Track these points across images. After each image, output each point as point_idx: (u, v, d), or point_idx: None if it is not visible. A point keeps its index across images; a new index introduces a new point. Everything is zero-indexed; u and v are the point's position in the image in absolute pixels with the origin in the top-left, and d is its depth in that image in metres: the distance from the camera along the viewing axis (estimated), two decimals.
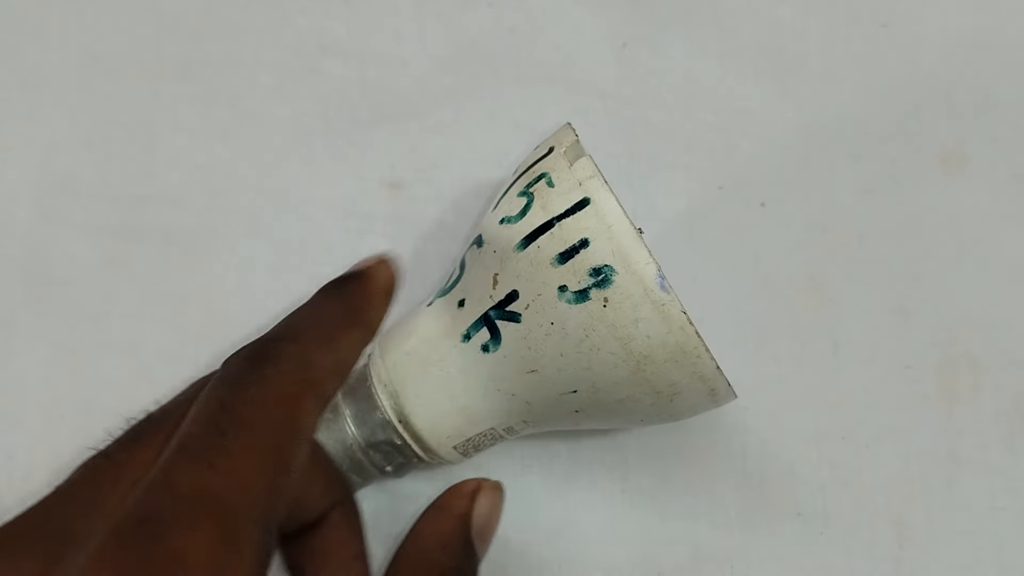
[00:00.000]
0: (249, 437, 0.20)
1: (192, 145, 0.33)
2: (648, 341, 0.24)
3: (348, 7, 0.35)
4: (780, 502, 0.31)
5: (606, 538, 0.30)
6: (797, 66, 0.35)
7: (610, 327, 0.24)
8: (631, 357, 0.24)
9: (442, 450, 0.27)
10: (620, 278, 0.24)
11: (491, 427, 0.27)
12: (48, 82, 0.34)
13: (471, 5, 0.36)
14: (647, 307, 0.24)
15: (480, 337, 0.26)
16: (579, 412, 0.26)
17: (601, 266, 0.24)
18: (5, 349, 0.31)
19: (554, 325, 0.24)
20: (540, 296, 0.25)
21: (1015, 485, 0.31)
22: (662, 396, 0.25)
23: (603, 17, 0.36)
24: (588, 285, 0.24)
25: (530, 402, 0.26)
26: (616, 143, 0.34)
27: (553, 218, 0.25)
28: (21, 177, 0.33)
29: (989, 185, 0.34)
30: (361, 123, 0.34)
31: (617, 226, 0.24)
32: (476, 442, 0.27)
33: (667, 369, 0.24)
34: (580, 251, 0.24)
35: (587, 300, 0.24)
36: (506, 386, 0.26)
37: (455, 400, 0.26)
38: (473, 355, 0.26)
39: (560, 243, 0.24)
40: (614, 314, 0.24)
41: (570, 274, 0.24)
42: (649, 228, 0.34)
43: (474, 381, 0.26)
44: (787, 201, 0.34)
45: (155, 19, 0.35)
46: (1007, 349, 0.32)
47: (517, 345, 0.25)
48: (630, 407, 0.25)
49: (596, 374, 0.25)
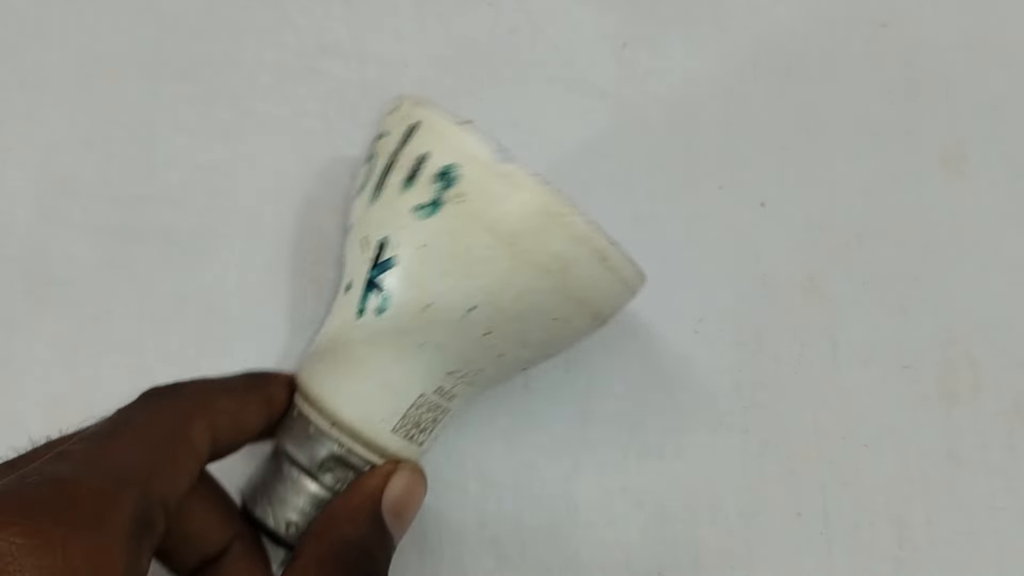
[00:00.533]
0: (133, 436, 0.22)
1: (192, 145, 0.33)
2: (511, 216, 0.24)
3: (348, 7, 0.35)
4: (780, 502, 0.31)
5: (606, 537, 0.31)
6: (797, 66, 0.35)
7: (472, 219, 0.24)
8: (503, 241, 0.24)
9: (382, 438, 0.26)
10: (463, 169, 0.24)
11: (420, 393, 0.26)
12: (48, 82, 0.34)
13: (471, 5, 0.36)
14: (497, 183, 0.24)
15: (371, 303, 0.25)
16: (491, 334, 0.25)
17: (443, 168, 0.24)
18: (5, 349, 0.31)
19: (427, 247, 0.24)
20: (403, 228, 0.25)
21: (1015, 485, 0.31)
22: (553, 273, 0.24)
23: (603, 17, 0.36)
24: (438, 192, 0.24)
25: (440, 344, 0.25)
26: (616, 143, 0.34)
27: (391, 154, 0.25)
28: (21, 177, 0.33)
29: (989, 185, 0.34)
30: (361, 124, 0.34)
31: (447, 129, 0.25)
32: (415, 419, 0.26)
33: (542, 241, 0.24)
34: (422, 166, 0.24)
35: (442, 205, 0.24)
36: (411, 338, 0.25)
37: (372, 376, 0.26)
38: (372, 324, 0.25)
39: (402, 171, 0.25)
40: (471, 205, 0.24)
41: (420, 191, 0.24)
42: (649, 228, 0.34)
43: (382, 349, 0.26)
44: (787, 201, 0.34)
45: (155, 19, 0.35)
46: (1007, 349, 0.32)
47: (404, 288, 0.25)
48: (535, 303, 0.25)
49: (481, 276, 0.24)
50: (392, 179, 0.25)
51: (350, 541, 0.24)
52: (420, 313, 0.25)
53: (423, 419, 0.27)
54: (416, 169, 0.24)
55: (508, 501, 0.31)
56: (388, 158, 0.25)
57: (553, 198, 0.24)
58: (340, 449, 0.26)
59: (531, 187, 0.24)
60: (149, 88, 0.34)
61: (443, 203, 0.24)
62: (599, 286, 0.25)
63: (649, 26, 0.36)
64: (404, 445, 0.26)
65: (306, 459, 0.26)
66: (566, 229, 0.24)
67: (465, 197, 0.24)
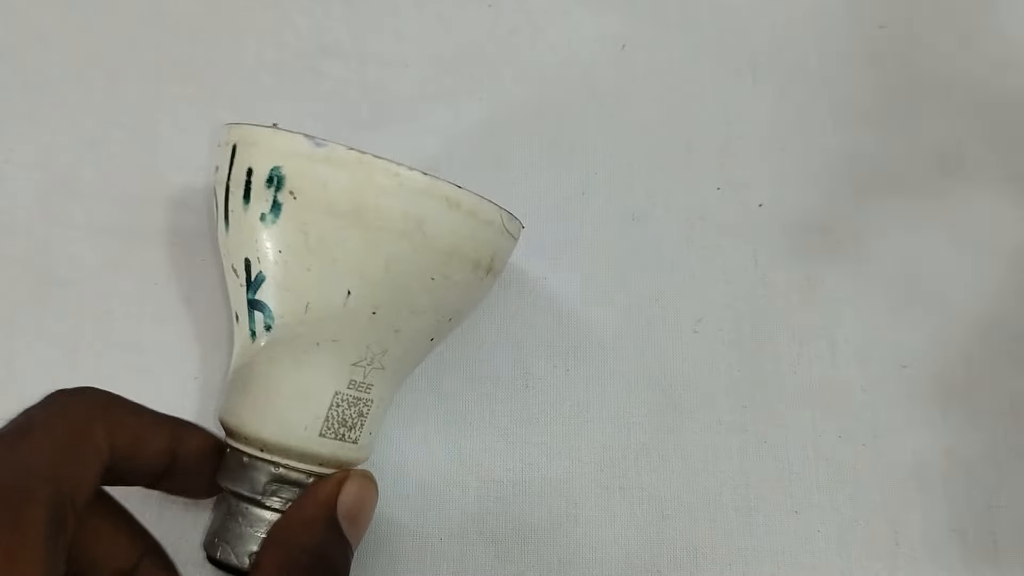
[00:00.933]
0: (41, 435, 0.22)
1: (194, 145, 0.34)
2: (346, 193, 0.24)
3: (348, 8, 0.35)
4: (779, 501, 0.31)
5: (605, 536, 0.31)
6: (796, 66, 0.35)
7: (312, 209, 0.24)
8: (350, 219, 0.24)
9: (312, 445, 0.26)
10: (285, 167, 0.25)
11: (334, 392, 0.26)
12: (50, 83, 0.34)
13: (471, 6, 0.36)
14: (320, 168, 0.24)
15: (258, 323, 0.26)
16: (378, 312, 0.26)
17: (268, 174, 0.25)
18: (7, 349, 0.31)
19: (282, 253, 0.25)
20: (256, 242, 0.25)
21: (1013, 485, 0.31)
22: (410, 233, 0.25)
23: (602, 18, 0.36)
24: (273, 195, 0.25)
25: (336, 338, 0.26)
26: (616, 143, 0.34)
27: (226, 182, 0.26)
28: (23, 177, 0.33)
29: (987, 185, 0.34)
30: (362, 124, 0.34)
31: (259, 138, 0.25)
32: (339, 418, 0.26)
33: (386, 204, 0.25)
34: (251, 180, 0.25)
35: (281, 206, 0.25)
36: (304, 341, 0.26)
37: (281, 390, 0.26)
38: (265, 340, 0.26)
39: (238, 190, 0.25)
40: (304, 197, 0.25)
41: (258, 202, 0.25)
42: (649, 227, 0.34)
43: (282, 361, 0.26)
44: (787, 201, 0.34)
45: (156, 20, 0.35)
46: (1004, 350, 0.33)
47: (279, 297, 0.25)
48: (405, 268, 0.25)
49: (344, 259, 0.25)
50: (232, 203, 0.26)
51: (308, 547, 0.25)
52: (304, 314, 0.25)
53: (347, 416, 0.27)
54: (248, 184, 0.25)
55: (508, 500, 0.31)
56: (224, 186, 0.26)
57: (377, 163, 0.24)
58: (277, 469, 0.26)
59: (354, 160, 0.24)
60: (150, 88, 0.34)
61: (281, 204, 0.25)
62: (463, 233, 0.26)
63: (648, 27, 0.36)
64: (337, 446, 0.27)
65: (248, 489, 0.26)
66: (404, 187, 0.25)
67: (298, 192, 0.25)
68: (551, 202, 0.34)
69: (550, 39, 0.35)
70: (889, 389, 0.32)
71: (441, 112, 0.34)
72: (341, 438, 0.27)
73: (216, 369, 0.31)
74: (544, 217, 0.33)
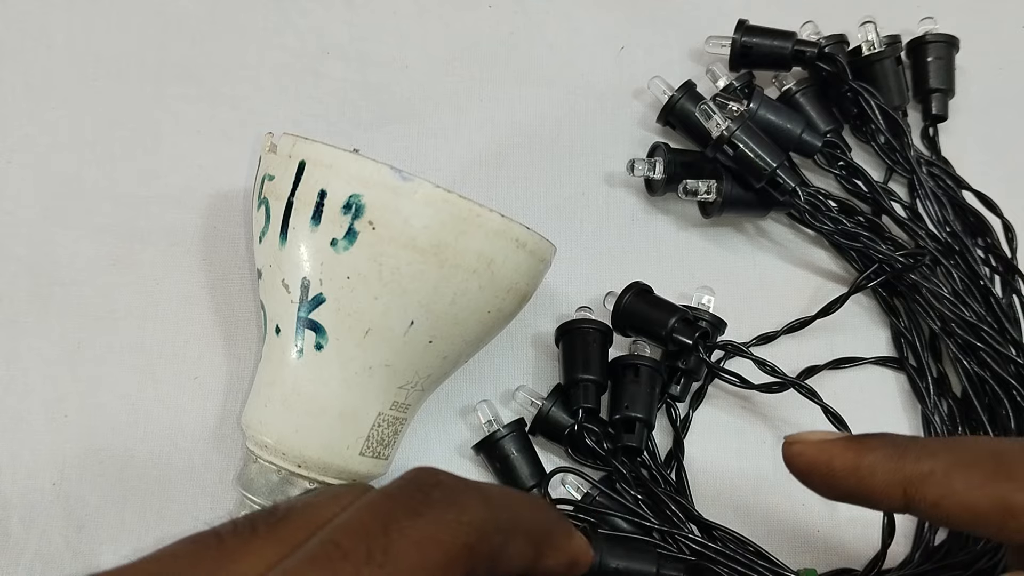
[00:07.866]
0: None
1: (195, 146, 0.34)
2: (428, 230, 0.24)
3: (350, 9, 0.35)
4: (778, 500, 0.31)
5: None
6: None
7: (391, 242, 0.24)
8: (427, 254, 0.24)
9: (352, 464, 0.26)
10: (366, 197, 0.24)
11: (378, 412, 0.26)
12: (52, 84, 0.34)
13: (472, 8, 0.36)
14: (404, 203, 0.24)
15: (308, 341, 0.26)
16: (434, 341, 0.26)
17: (346, 200, 0.25)
18: (10, 348, 0.31)
19: (351, 279, 0.25)
20: (323, 264, 0.25)
21: None
22: (481, 273, 0.25)
23: (602, 19, 0.36)
24: (349, 222, 0.24)
25: (388, 363, 0.26)
26: (615, 144, 0.34)
27: (288, 197, 0.25)
28: (26, 178, 0.33)
29: (985, 185, 0.34)
30: (363, 125, 0.34)
31: (336, 161, 0.25)
32: (378, 437, 0.27)
33: (464, 244, 0.25)
34: (324, 202, 0.25)
35: (358, 234, 0.24)
36: (357, 364, 0.26)
37: (328, 410, 0.26)
38: (314, 361, 0.26)
39: (306, 209, 0.25)
40: (385, 229, 0.24)
41: (330, 226, 0.25)
42: (649, 228, 0.34)
43: (331, 382, 0.26)
44: None
45: (158, 21, 0.35)
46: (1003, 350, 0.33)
47: (339, 321, 0.25)
48: (469, 303, 0.25)
49: (415, 292, 0.25)
50: (296, 220, 0.25)
51: None
52: (362, 340, 0.25)
53: (385, 435, 0.27)
54: (319, 206, 0.25)
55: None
56: (284, 201, 0.25)
57: (462, 203, 0.24)
58: (312, 484, 0.26)
59: (440, 199, 0.24)
60: (152, 89, 0.34)
61: (357, 232, 0.24)
62: (523, 271, 0.26)
63: (647, 28, 0.36)
64: (373, 464, 0.27)
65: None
66: (483, 228, 0.25)
67: (377, 222, 0.24)
68: (551, 202, 0.34)
69: (550, 40, 0.36)
70: (888, 389, 0.32)
71: (441, 113, 0.35)
72: (377, 456, 0.27)
73: (216, 369, 0.31)
74: (544, 217, 0.33)
